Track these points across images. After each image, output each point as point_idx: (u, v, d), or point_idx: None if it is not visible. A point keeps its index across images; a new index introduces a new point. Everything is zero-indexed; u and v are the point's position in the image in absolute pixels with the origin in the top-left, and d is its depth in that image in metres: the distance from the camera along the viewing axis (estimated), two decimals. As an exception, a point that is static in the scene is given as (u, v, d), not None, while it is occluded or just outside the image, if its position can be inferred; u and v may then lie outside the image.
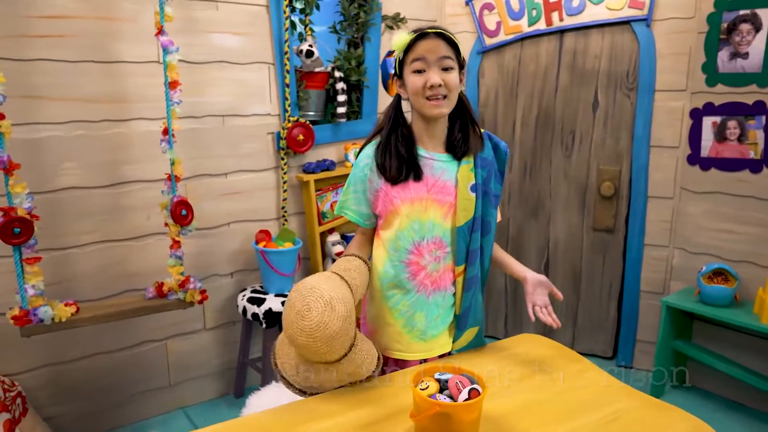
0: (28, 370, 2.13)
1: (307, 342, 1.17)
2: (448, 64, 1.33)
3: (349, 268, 1.32)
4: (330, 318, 1.17)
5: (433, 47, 1.32)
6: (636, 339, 2.86)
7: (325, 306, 1.17)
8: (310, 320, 1.16)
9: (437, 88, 1.32)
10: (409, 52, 1.34)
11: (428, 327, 1.45)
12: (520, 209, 3.05)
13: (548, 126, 2.90)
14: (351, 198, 1.44)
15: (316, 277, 1.24)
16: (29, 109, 1.99)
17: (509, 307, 3.18)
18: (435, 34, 1.32)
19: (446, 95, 1.34)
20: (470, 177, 1.42)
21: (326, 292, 1.19)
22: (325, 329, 1.17)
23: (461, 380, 1.12)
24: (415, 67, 1.33)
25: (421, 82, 1.32)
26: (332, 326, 1.18)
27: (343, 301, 1.20)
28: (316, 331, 1.16)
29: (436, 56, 1.32)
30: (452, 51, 1.34)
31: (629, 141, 2.72)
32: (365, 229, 1.48)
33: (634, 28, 2.61)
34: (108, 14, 2.08)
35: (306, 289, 1.19)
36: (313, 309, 1.16)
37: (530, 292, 1.49)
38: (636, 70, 2.65)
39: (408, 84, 1.36)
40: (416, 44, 1.32)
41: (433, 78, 1.31)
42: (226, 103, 2.40)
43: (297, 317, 1.16)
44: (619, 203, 2.80)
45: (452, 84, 1.34)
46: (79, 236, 2.15)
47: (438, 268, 1.43)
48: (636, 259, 2.78)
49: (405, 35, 1.33)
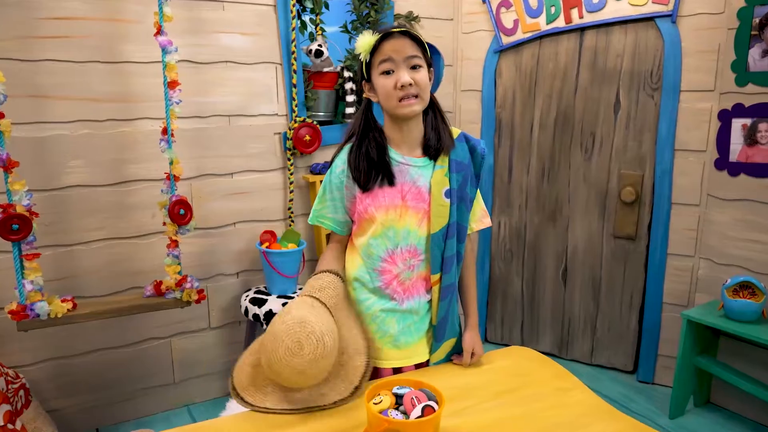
0: (34, 363, 2.19)
1: (295, 378, 1.12)
2: (416, 62, 1.28)
3: (323, 287, 1.28)
4: (322, 354, 1.13)
5: (400, 47, 1.27)
6: (658, 353, 2.70)
7: (317, 342, 1.12)
8: (302, 358, 1.11)
9: (408, 87, 1.27)
10: (375, 54, 1.29)
11: (401, 333, 1.39)
12: (537, 214, 2.94)
13: (567, 128, 2.78)
14: (328, 206, 1.40)
15: (299, 307, 1.18)
16: (37, 108, 2.04)
17: (525, 314, 3.07)
18: (400, 33, 1.27)
19: (417, 94, 1.29)
20: (444, 182, 1.36)
21: (317, 326, 1.14)
22: (317, 366, 1.13)
23: (418, 396, 1.06)
24: (383, 68, 1.28)
25: (391, 83, 1.27)
26: (324, 363, 1.14)
27: (331, 333, 1.16)
28: (308, 368, 1.11)
29: (404, 56, 1.27)
30: (419, 49, 1.29)
31: (653, 144, 2.58)
32: (341, 237, 1.44)
33: (659, 24, 2.46)
34: (114, 16, 2.11)
35: (295, 323, 1.13)
36: (305, 346, 1.11)
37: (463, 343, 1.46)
38: (660, 69, 2.50)
39: (378, 86, 1.31)
40: (382, 45, 1.27)
41: (403, 77, 1.26)
42: (232, 103, 2.40)
43: (287, 354, 1.11)
44: (642, 210, 2.65)
45: (422, 82, 1.29)
46: (85, 233, 2.20)
47: (411, 276, 1.38)
48: (658, 269, 2.63)
49: (369, 36, 1.28)
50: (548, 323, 3.01)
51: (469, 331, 1.45)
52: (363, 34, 1.29)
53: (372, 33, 1.29)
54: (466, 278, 1.50)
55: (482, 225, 1.51)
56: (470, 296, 1.50)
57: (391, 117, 1.35)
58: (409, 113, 1.31)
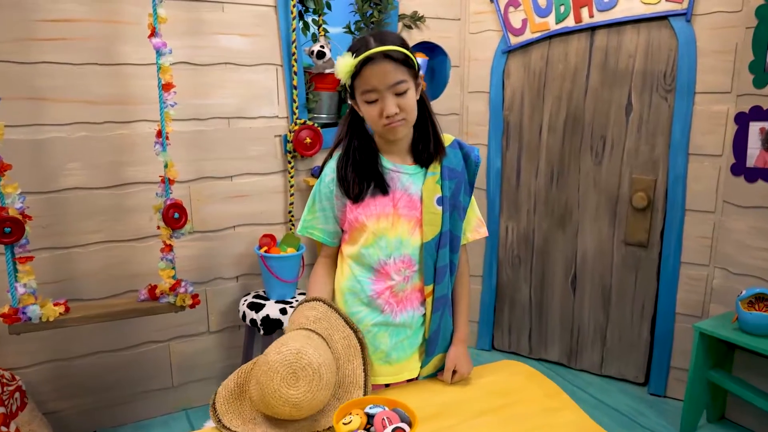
0: (32, 365, 2.19)
1: (291, 411, 1.07)
2: (402, 88, 1.19)
3: (318, 318, 1.23)
4: (318, 388, 1.08)
5: (383, 75, 1.17)
6: (670, 366, 2.60)
7: (313, 375, 1.07)
8: (297, 389, 1.06)
9: (393, 116, 1.20)
10: (357, 79, 1.20)
11: (393, 349, 1.34)
12: (546, 219, 2.86)
13: (577, 130, 2.69)
14: (318, 216, 1.35)
15: (296, 339, 1.12)
16: (34, 110, 2.04)
17: (534, 322, 2.99)
18: (383, 56, 1.17)
19: (404, 118, 1.23)
20: (436, 189, 1.31)
21: (314, 358, 1.08)
22: (313, 400, 1.07)
23: (390, 416, 1.00)
24: (366, 98, 1.20)
25: (376, 112, 1.21)
26: (320, 397, 1.09)
27: (328, 366, 1.11)
28: (302, 401, 1.06)
29: (387, 84, 1.18)
30: (405, 70, 1.20)
31: (666, 148, 2.47)
32: (331, 250, 1.39)
33: (673, 23, 2.36)
34: (112, 18, 2.10)
35: (291, 354, 1.07)
36: (301, 378, 1.06)
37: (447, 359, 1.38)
38: (674, 70, 2.40)
39: (362, 112, 1.24)
40: (363, 71, 1.18)
41: (388, 108, 1.19)
42: (232, 105, 2.38)
43: (282, 386, 1.05)
44: (654, 216, 2.55)
45: (408, 106, 1.22)
46: (82, 236, 2.19)
47: (405, 288, 1.32)
48: (671, 277, 2.53)
49: (348, 60, 1.18)
50: (557, 332, 2.92)
51: (454, 345, 1.38)
52: (343, 56, 1.19)
53: (352, 55, 1.19)
54: (458, 289, 1.43)
55: (478, 235, 1.44)
56: (461, 309, 1.43)
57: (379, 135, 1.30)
58: (396, 138, 1.27)
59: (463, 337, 1.40)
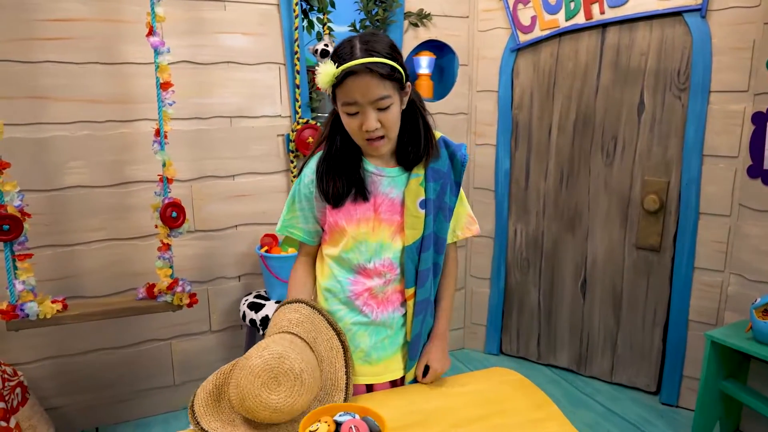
0: (35, 361, 2.22)
1: (271, 416, 1.05)
2: (384, 104, 1.14)
3: (300, 321, 1.20)
4: (299, 393, 1.05)
5: (364, 89, 1.12)
6: (683, 375, 2.51)
7: (295, 380, 1.05)
8: (278, 394, 1.04)
9: (374, 132, 1.16)
10: (338, 89, 1.15)
11: (373, 348, 1.31)
12: (555, 221, 2.78)
13: (588, 131, 2.61)
14: (298, 216, 1.32)
15: (279, 342, 1.10)
16: (37, 109, 2.06)
17: (542, 327, 2.92)
18: (366, 69, 1.10)
19: (384, 135, 1.19)
20: (419, 192, 1.27)
21: (296, 363, 1.06)
22: (294, 405, 1.05)
23: (358, 425, 0.97)
24: (347, 110, 1.16)
25: (356, 124, 1.16)
26: (301, 402, 1.06)
27: (310, 371, 1.09)
28: (283, 407, 1.04)
29: (369, 99, 1.13)
30: (389, 85, 1.14)
31: (679, 149, 2.38)
32: (310, 248, 1.36)
33: (687, 19, 2.27)
34: (114, 17, 2.11)
35: (273, 358, 1.05)
36: (282, 383, 1.04)
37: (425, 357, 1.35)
38: (688, 68, 2.31)
39: (343, 122, 1.20)
40: (345, 81, 1.12)
41: (368, 123, 1.15)
42: (234, 104, 2.37)
43: (261, 390, 1.03)
44: (667, 219, 2.46)
45: (390, 122, 1.18)
46: (85, 233, 2.21)
47: (385, 290, 1.30)
48: (684, 283, 2.43)
49: (330, 69, 1.12)
50: (566, 337, 2.85)
51: (430, 341, 1.35)
52: (324, 63, 1.14)
53: (335, 63, 1.13)
54: (443, 284, 1.39)
55: (469, 233, 1.40)
56: (443, 305, 1.39)
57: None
58: (376, 155, 1.24)
59: (441, 333, 1.37)
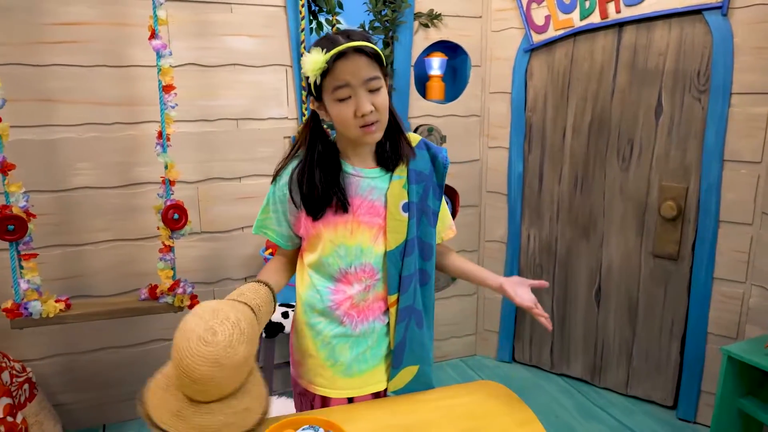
0: (43, 358, 2.26)
1: (210, 372, 1.01)
2: (375, 85, 1.13)
3: (242, 292, 1.18)
4: (239, 341, 1.01)
5: (356, 69, 1.11)
6: (701, 389, 2.40)
7: (233, 328, 1.01)
8: (216, 345, 0.99)
9: (369, 115, 1.13)
10: (327, 76, 1.12)
11: (354, 361, 1.28)
12: (569, 227, 2.70)
13: (603, 134, 2.52)
14: (271, 217, 1.29)
15: (213, 302, 1.11)
16: (45, 111, 2.10)
17: (555, 335, 2.84)
18: (354, 50, 1.10)
19: (378, 119, 1.15)
20: (402, 195, 1.24)
21: (231, 313, 1.04)
22: (234, 354, 1.00)
23: (319, 440, 0.94)
24: (338, 95, 1.12)
25: (350, 111, 1.13)
26: (241, 350, 1.03)
27: (248, 321, 1.05)
28: (223, 357, 0.99)
29: (361, 79, 1.11)
30: (377, 66, 1.14)
31: (698, 153, 2.28)
32: (286, 251, 1.34)
33: (707, 18, 2.17)
34: (121, 20, 2.13)
35: (206, 312, 1.03)
36: (219, 332, 1.00)
37: (514, 295, 1.29)
38: (708, 69, 2.20)
39: (333, 113, 1.16)
40: (335, 66, 1.10)
41: (363, 106, 1.12)
42: (240, 106, 2.37)
43: (199, 343, 0.99)
44: (685, 227, 2.36)
45: (382, 106, 1.15)
46: (92, 234, 2.24)
47: (366, 297, 1.26)
48: (703, 294, 2.33)
49: (319, 56, 1.11)
50: (580, 347, 2.76)
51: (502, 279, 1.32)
52: (312, 50, 1.13)
53: (322, 50, 1.12)
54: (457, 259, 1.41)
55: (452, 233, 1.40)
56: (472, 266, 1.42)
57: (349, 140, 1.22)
58: (371, 142, 1.21)
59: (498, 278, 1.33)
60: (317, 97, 1.18)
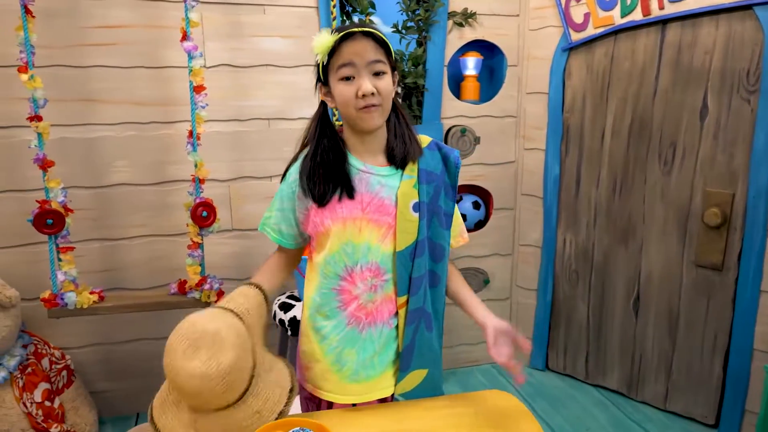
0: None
1: (201, 385, 1.01)
2: (379, 68, 1.15)
3: (232, 297, 1.18)
4: (221, 349, 1.02)
5: (361, 50, 1.13)
6: (744, 408, 2.25)
7: (213, 340, 1.01)
8: (198, 359, 1.00)
9: (370, 96, 1.13)
10: (334, 57, 1.15)
11: (361, 367, 1.27)
12: (607, 233, 2.60)
13: (644, 136, 2.41)
14: (275, 215, 1.30)
15: (192, 316, 1.09)
16: (86, 111, 2.19)
17: (591, 345, 2.73)
18: (362, 34, 1.13)
19: (380, 103, 1.15)
20: (413, 194, 1.23)
21: (209, 324, 1.03)
22: (219, 364, 1.01)
23: (308, 444, 0.94)
24: (342, 73, 1.15)
25: (351, 91, 1.14)
26: (225, 358, 1.04)
27: (230, 327, 1.06)
28: (208, 369, 1.00)
29: (366, 60, 1.13)
30: (383, 53, 1.16)
31: (746, 158, 2.14)
32: (285, 249, 1.34)
33: (758, 13, 2.03)
34: (157, 23, 2.20)
35: (184, 329, 1.04)
36: (201, 347, 1.00)
37: (492, 344, 1.24)
38: (759, 68, 2.07)
39: (336, 93, 1.18)
40: (341, 47, 1.14)
41: (364, 86, 1.13)
42: (272, 106, 2.40)
43: (183, 360, 1.00)
44: (731, 235, 2.22)
45: (385, 91, 1.16)
46: (129, 229, 2.33)
47: (374, 298, 1.25)
48: (749, 307, 2.19)
49: (328, 36, 1.14)
50: (616, 357, 2.65)
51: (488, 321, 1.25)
52: (321, 33, 1.16)
53: (331, 32, 1.16)
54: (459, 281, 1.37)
55: (462, 240, 1.37)
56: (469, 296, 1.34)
57: (350, 126, 1.23)
58: (371, 126, 1.19)
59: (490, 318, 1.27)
60: (324, 82, 1.20)
